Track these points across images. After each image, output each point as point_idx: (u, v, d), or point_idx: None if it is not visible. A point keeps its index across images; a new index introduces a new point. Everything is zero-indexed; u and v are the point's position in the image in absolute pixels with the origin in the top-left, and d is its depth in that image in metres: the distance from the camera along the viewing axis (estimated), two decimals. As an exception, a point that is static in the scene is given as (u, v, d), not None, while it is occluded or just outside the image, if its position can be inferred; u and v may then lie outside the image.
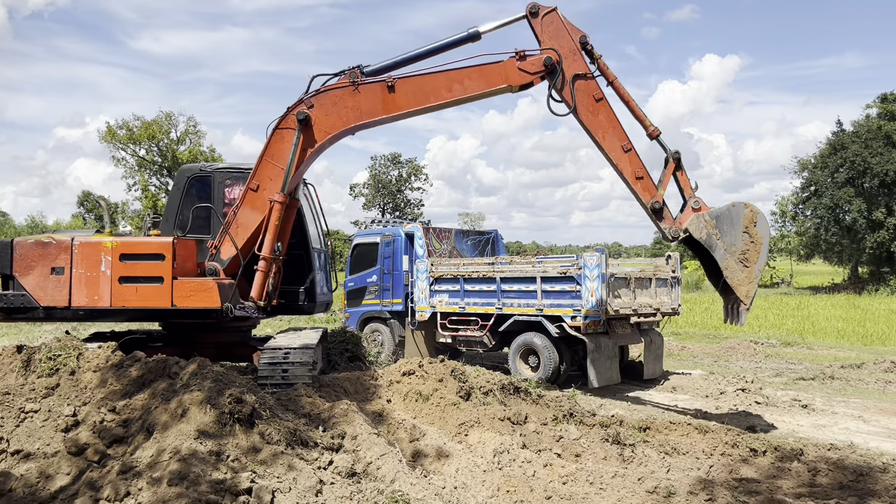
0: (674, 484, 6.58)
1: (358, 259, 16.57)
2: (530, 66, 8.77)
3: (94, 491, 5.04)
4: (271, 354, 9.00)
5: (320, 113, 9.13)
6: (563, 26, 8.75)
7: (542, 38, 8.78)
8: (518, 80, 8.78)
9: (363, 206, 73.76)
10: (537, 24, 8.76)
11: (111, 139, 57.57)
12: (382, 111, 9.04)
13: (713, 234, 8.27)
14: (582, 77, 8.70)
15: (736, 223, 8.24)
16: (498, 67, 8.86)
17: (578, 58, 8.74)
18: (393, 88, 8.92)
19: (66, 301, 8.74)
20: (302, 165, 9.30)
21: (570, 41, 8.73)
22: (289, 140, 9.14)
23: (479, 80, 8.87)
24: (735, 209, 8.28)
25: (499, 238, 17.88)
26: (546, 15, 8.74)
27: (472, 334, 13.85)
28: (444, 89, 8.90)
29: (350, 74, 9.04)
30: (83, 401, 6.33)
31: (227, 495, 4.81)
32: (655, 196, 8.60)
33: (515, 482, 6.44)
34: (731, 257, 8.19)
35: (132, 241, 8.99)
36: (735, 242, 8.21)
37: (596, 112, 8.71)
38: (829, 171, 47.22)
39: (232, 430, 5.41)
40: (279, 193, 9.12)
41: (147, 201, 56.95)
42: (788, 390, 12.66)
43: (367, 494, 5.20)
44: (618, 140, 8.68)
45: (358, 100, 9.04)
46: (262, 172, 9.33)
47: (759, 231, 8.20)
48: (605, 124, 8.71)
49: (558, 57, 8.68)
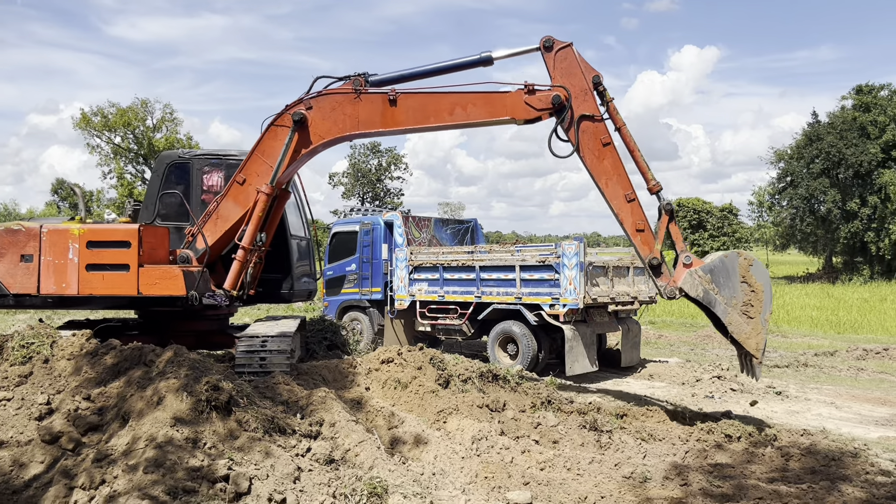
0: (650, 469, 6.65)
1: (337, 248, 16.50)
2: (538, 101, 8.37)
3: (69, 479, 5.00)
4: (249, 342, 8.96)
5: (317, 116, 8.89)
6: (576, 63, 8.33)
7: (553, 73, 8.38)
8: (523, 114, 8.42)
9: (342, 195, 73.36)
10: (550, 59, 8.35)
11: (86, 126, 56.61)
12: (380, 124, 8.76)
13: (710, 289, 7.86)
14: (590, 119, 8.28)
15: (732, 274, 7.86)
16: (504, 98, 8.52)
17: (589, 98, 8.32)
18: (395, 102, 8.63)
19: (35, 288, 8.66)
20: (292, 165, 9.11)
21: (582, 80, 8.31)
22: (282, 138, 8.94)
23: (483, 107, 8.53)
24: (728, 259, 7.92)
25: (478, 227, 17.89)
26: (560, 50, 8.31)
27: (451, 323, 13.87)
28: (445, 111, 8.59)
29: (354, 81, 8.76)
30: (57, 389, 6.26)
31: (203, 482, 4.78)
32: (654, 252, 8.22)
33: (493, 468, 6.47)
34: (733, 311, 7.80)
35: (99, 229, 8.90)
36: (735, 294, 7.82)
37: (602, 157, 8.30)
38: (804, 161, 47.75)
39: (209, 418, 5.38)
40: (266, 185, 8.98)
41: (123, 189, 56.14)
42: (763, 377, 12.81)
43: (345, 481, 5.20)
44: (621, 189, 8.27)
45: (357, 108, 8.76)
46: (250, 167, 9.18)
47: (757, 278, 7.84)
48: (609, 171, 8.30)
49: (567, 95, 8.27)
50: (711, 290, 7.85)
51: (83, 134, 57.22)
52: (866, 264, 46.54)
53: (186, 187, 10.06)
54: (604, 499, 5.94)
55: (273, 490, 4.87)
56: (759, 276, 7.83)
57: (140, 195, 52.01)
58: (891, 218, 44.09)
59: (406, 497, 4.93)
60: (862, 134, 45.71)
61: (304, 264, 11.03)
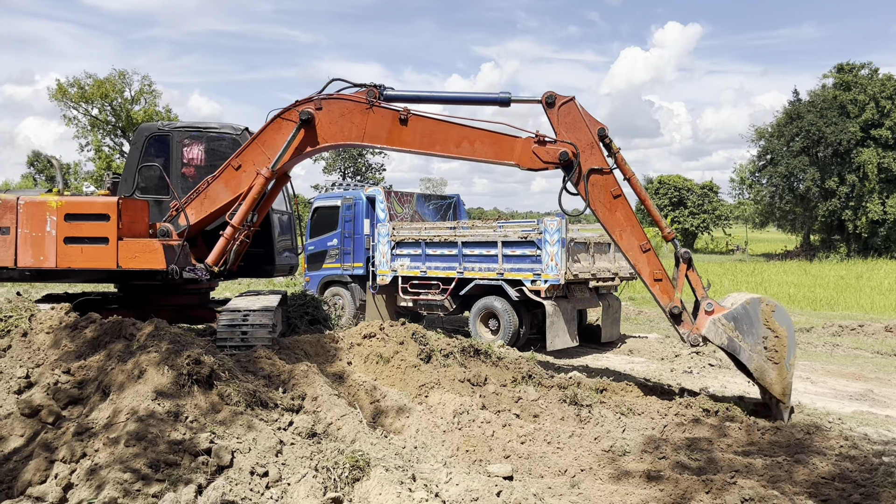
0: (628, 443, 6.75)
1: (318, 223, 16.43)
2: (545, 154, 8.34)
3: (49, 452, 4.98)
4: (230, 316, 8.93)
5: (325, 119, 8.79)
6: (580, 118, 8.30)
7: (558, 128, 8.34)
8: (528, 163, 8.40)
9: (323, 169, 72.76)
10: (553, 115, 8.33)
11: (62, 97, 55.55)
12: (385, 140, 8.68)
13: (734, 336, 7.91)
14: (599, 172, 8.27)
15: (755, 321, 7.87)
16: (512, 143, 8.49)
17: (596, 151, 8.30)
18: (405, 122, 8.55)
19: (13, 261, 8.55)
20: (291, 160, 9.01)
21: (587, 134, 8.28)
22: (285, 132, 8.85)
23: (490, 147, 8.50)
24: (751, 307, 7.88)
25: (460, 203, 17.88)
26: (563, 105, 8.30)
27: (433, 298, 13.91)
28: (452, 143, 8.54)
29: (368, 92, 8.65)
30: (36, 362, 6.21)
31: (186, 455, 4.78)
32: (674, 300, 8.25)
33: (475, 442, 6.54)
34: (758, 357, 7.83)
35: (77, 201, 8.78)
36: (759, 341, 7.85)
37: (614, 209, 8.31)
38: (784, 140, 48.13)
39: (190, 391, 5.37)
40: (267, 169, 8.88)
41: (101, 162, 55.32)
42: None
43: (327, 454, 5.22)
44: (636, 240, 8.32)
45: (366, 120, 8.67)
46: (248, 154, 9.07)
47: (780, 323, 7.81)
48: (622, 222, 8.33)
49: (575, 151, 8.23)
50: (736, 338, 7.92)
51: (59, 105, 56.15)
52: (843, 242, 47.19)
53: (166, 160, 9.94)
54: (583, 472, 6.03)
55: (255, 463, 4.88)
56: (781, 321, 7.84)
57: (118, 168, 51.34)
58: (868, 196, 44.66)
59: (388, 470, 4.95)
60: (842, 113, 46.11)
61: (286, 239, 10.98)
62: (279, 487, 4.79)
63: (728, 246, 62.02)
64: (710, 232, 65.29)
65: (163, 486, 4.53)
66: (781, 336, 7.80)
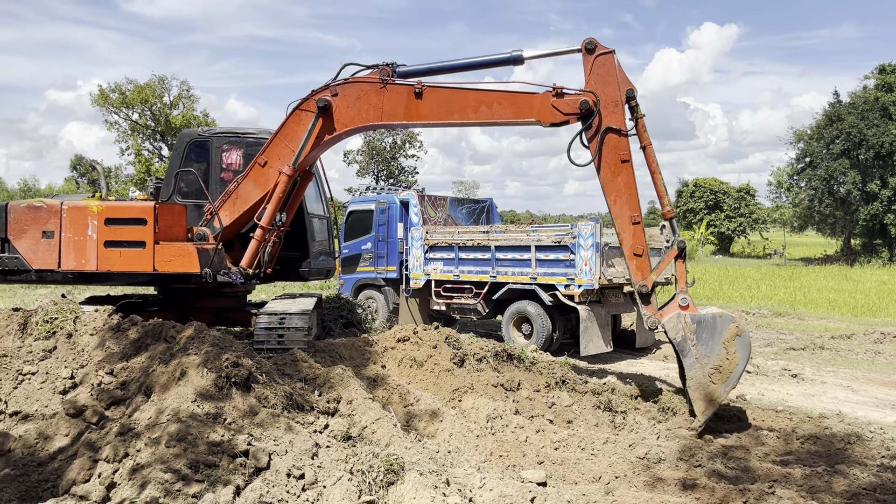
0: (663, 451, 6.69)
1: (353, 226, 16.56)
2: (565, 105, 8.11)
3: (93, 451, 5.11)
4: (268, 319, 9.06)
5: (342, 104, 8.84)
6: (613, 72, 8.05)
7: (589, 77, 8.09)
8: (549, 117, 8.20)
9: (357, 173, 73.39)
10: (589, 62, 8.06)
11: (104, 103, 56.87)
12: (404, 116, 8.66)
13: (690, 339, 7.66)
14: (616, 132, 8.03)
15: (717, 336, 7.57)
16: (530, 99, 8.31)
17: (619, 110, 8.05)
18: (420, 95, 8.51)
19: (56, 264, 8.81)
20: (314, 150, 9.10)
21: (615, 91, 8.03)
22: (305, 123, 8.93)
23: (508, 107, 8.36)
24: (721, 321, 7.59)
25: (493, 207, 17.88)
26: (601, 55, 8.03)
27: (466, 302, 13.93)
28: (470, 109, 8.44)
29: (381, 71, 8.66)
30: (81, 363, 6.37)
31: (224, 456, 4.87)
32: (647, 280, 8.05)
33: (508, 447, 6.54)
34: (700, 368, 7.59)
35: (116, 206, 9.01)
36: (710, 354, 7.57)
37: (617, 173, 8.08)
38: (824, 142, 47.14)
39: (229, 394, 5.46)
40: (289, 166, 8.99)
41: (140, 166, 56.45)
42: (779, 360, 12.81)
43: (362, 458, 5.28)
44: (629, 209, 8.08)
45: (382, 99, 8.67)
46: (272, 150, 9.19)
47: (738, 350, 7.52)
48: (621, 188, 8.09)
49: (596, 100, 8.01)
50: (690, 341, 7.68)
51: (101, 110, 57.53)
52: (885, 247, 46.04)
53: (206, 165, 10.14)
54: (618, 479, 6.00)
55: (292, 465, 4.95)
56: (741, 349, 7.53)
57: (157, 172, 52.32)
58: (911, 200, 43.55)
59: (422, 474, 4.99)
60: (884, 114, 45.02)
61: (322, 243, 11.09)
62: (315, 490, 4.86)
63: (765, 250, 60.96)
64: (746, 236, 64.29)
65: (202, 487, 4.62)
66: (733, 361, 7.51)
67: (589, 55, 8.06)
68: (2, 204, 9.11)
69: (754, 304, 21.15)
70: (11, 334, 7.07)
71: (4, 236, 8.91)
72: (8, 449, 5.43)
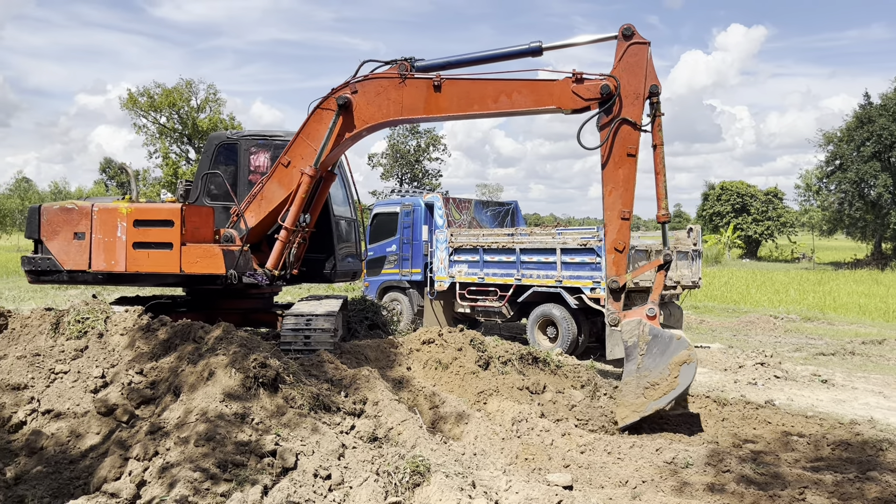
0: (691, 455, 6.62)
1: (378, 228, 16.64)
2: (586, 91, 7.95)
3: (124, 450, 5.17)
4: (294, 320, 9.12)
5: (362, 100, 8.84)
6: (643, 64, 7.83)
7: (618, 63, 7.89)
8: (569, 103, 8.04)
9: (381, 175, 73.59)
10: (622, 48, 7.85)
11: (132, 106, 57.73)
12: (423, 110, 8.64)
13: (640, 347, 7.55)
14: (630, 124, 7.82)
15: (667, 354, 7.47)
16: (550, 86, 8.16)
17: (638, 104, 7.84)
18: (439, 88, 8.46)
19: (87, 265, 8.95)
20: (336, 149, 9.11)
21: (640, 83, 7.81)
22: (326, 122, 8.95)
23: (528, 95, 8.22)
24: (677, 343, 7.50)
25: (518, 210, 17.85)
26: (635, 44, 7.82)
27: (491, 305, 13.91)
28: (490, 99, 8.34)
29: (399, 66, 8.64)
30: (111, 363, 6.46)
31: (252, 456, 4.91)
32: (620, 276, 7.85)
33: (534, 450, 6.52)
34: (637, 379, 7.53)
35: (144, 208, 9.13)
36: (652, 369, 7.50)
37: (620, 165, 7.87)
38: (854, 144, 46.44)
39: (257, 394, 5.51)
40: (310, 167, 9.02)
41: (168, 169, 57.20)
42: (808, 365, 12.63)
43: (388, 459, 5.29)
44: (621, 204, 7.87)
45: (402, 94, 8.64)
46: (295, 149, 9.24)
47: (680, 378, 7.42)
48: (619, 181, 7.88)
49: (617, 84, 7.82)
50: (640, 349, 7.58)
51: (130, 114, 58.40)
52: (918, 251, 45.24)
53: (234, 167, 10.25)
54: (644, 483, 5.95)
55: (319, 466, 4.98)
56: (683, 376, 7.44)
57: (184, 175, 52.97)
58: (945, 203, 42.72)
59: (448, 476, 4.99)
60: (916, 116, 44.25)
61: (349, 245, 11.14)
62: (341, 490, 4.88)
63: (793, 254, 60.13)
64: (774, 239, 63.49)
65: (230, 486, 4.66)
66: (671, 383, 7.43)
67: (624, 41, 7.86)
68: (35, 206, 9.28)
69: (783, 309, 20.88)
70: (44, 333, 7.19)
71: (38, 237, 9.08)
72: (41, 446, 5.52)
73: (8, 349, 7.40)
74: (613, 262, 7.91)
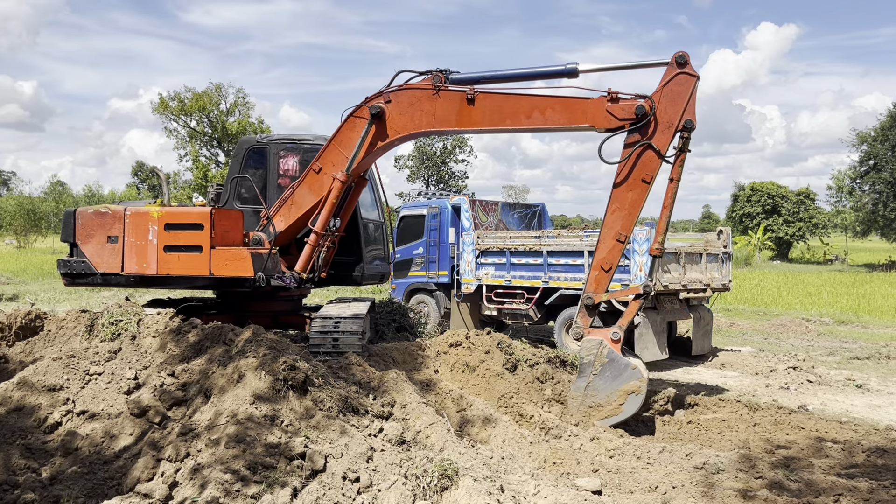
0: (722, 461, 6.54)
1: (404, 231, 16.69)
2: (620, 111, 7.88)
3: (157, 451, 5.25)
4: (322, 323, 9.18)
5: (395, 110, 8.86)
6: (686, 96, 7.69)
7: (662, 88, 7.78)
8: (603, 122, 7.97)
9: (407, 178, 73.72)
10: (669, 74, 7.73)
11: (163, 110, 58.50)
12: (456, 123, 8.64)
13: (594, 367, 7.69)
14: (655, 152, 7.74)
15: (618, 380, 7.61)
16: (585, 104, 8.10)
17: (669, 134, 7.75)
18: (472, 101, 8.44)
19: (120, 267, 9.10)
20: (368, 157, 9.14)
21: (677, 114, 7.69)
22: (359, 130, 8.98)
23: (562, 112, 8.17)
24: (631, 372, 7.61)
25: (545, 211, 17.79)
26: (684, 74, 7.68)
27: (518, 307, 13.87)
28: (523, 114, 8.31)
29: (434, 77, 8.63)
30: (144, 364, 6.56)
31: (281, 458, 4.96)
32: (598, 294, 7.93)
33: (562, 454, 6.49)
34: (583, 397, 7.70)
35: (175, 212, 9.26)
36: (599, 392, 7.65)
37: (632, 188, 7.84)
38: (889, 144, 45.57)
39: (286, 396, 5.55)
40: (342, 172, 9.05)
41: (198, 172, 57.87)
42: (842, 369, 12.41)
43: (416, 462, 5.30)
44: (620, 226, 7.89)
45: (435, 105, 8.64)
46: (327, 156, 9.28)
47: (626, 406, 7.56)
48: (625, 203, 7.86)
49: (652, 105, 7.73)
50: (594, 369, 7.70)
51: (161, 118, 59.17)
52: (955, 252, 44.22)
53: (264, 171, 10.36)
54: (675, 489, 5.89)
55: (347, 468, 5.00)
56: (629, 405, 7.58)
57: (213, 178, 53.61)
58: (983, 204, 41.72)
59: (476, 480, 4.98)
60: (953, 115, 43.30)
61: (377, 248, 11.19)
62: (370, 493, 4.89)
63: (826, 255, 59.06)
64: (806, 241, 62.45)
65: (260, 488, 4.70)
66: (615, 409, 7.60)
67: (675, 67, 7.73)
68: (70, 210, 9.47)
69: (815, 312, 20.55)
70: (79, 335, 7.32)
71: (73, 241, 9.26)
72: (76, 447, 5.62)
73: (44, 351, 7.57)
74: (595, 280, 8.01)
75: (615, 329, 7.80)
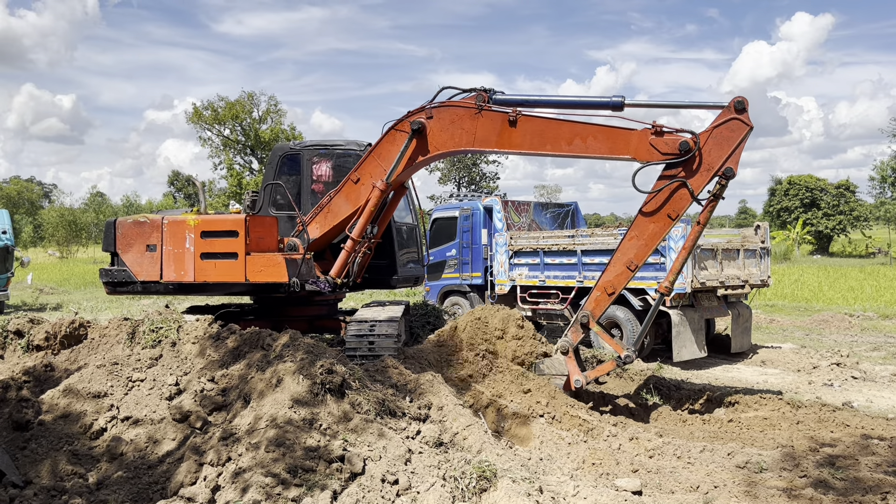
0: (764, 459, 6.44)
1: (437, 233, 16.74)
2: (664, 145, 7.74)
3: (199, 455, 5.33)
4: (358, 327, 9.24)
5: (436, 127, 8.82)
6: (734, 143, 7.57)
7: (712, 129, 7.64)
8: (646, 155, 7.84)
9: (439, 180, 73.84)
10: (725, 116, 7.59)
11: (198, 120, 59.53)
12: (496, 143, 8.57)
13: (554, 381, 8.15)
14: (689, 192, 7.66)
15: None
16: (628, 135, 7.96)
17: (706, 177, 7.66)
18: (514, 123, 8.37)
19: (159, 276, 9.26)
20: (406, 171, 9.14)
21: (721, 158, 7.58)
22: (399, 144, 8.97)
23: (604, 141, 8.04)
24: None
25: (578, 210, 17.69)
26: (738, 121, 7.54)
27: (553, 307, 13.81)
28: (564, 140, 8.21)
29: (477, 96, 8.57)
30: (184, 370, 6.67)
31: (320, 461, 5.00)
32: (594, 314, 8.11)
33: (601, 455, 6.44)
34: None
35: (210, 219, 9.40)
36: None
37: (654, 220, 7.84)
38: (932, 133, 44.41)
39: (324, 400, 5.60)
40: (382, 181, 9.06)
41: (232, 180, 58.72)
42: (888, 365, 12.12)
43: (454, 464, 5.30)
44: (634, 256, 7.92)
45: (476, 124, 8.58)
46: (366, 167, 9.31)
47: None
48: (645, 234, 7.87)
49: (696, 140, 7.60)
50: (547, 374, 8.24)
51: (195, 127, 60.24)
52: None
53: (298, 177, 10.49)
54: (717, 488, 5.81)
55: (386, 471, 5.03)
56: None
57: (248, 185, 54.32)
58: None
59: (515, 481, 4.97)
60: None
61: (410, 251, 11.24)
62: (409, 496, 4.91)
63: (868, 249, 57.72)
64: (847, 234, 61.11)
65: (301, 491, 4.75)
66: None
67: (731, 111, 7.58)
68: (111, 220, 9.67)
69: (858, 307, 20.09)
70: (121, 343, 7.48)
71: (114, 250, 9.46)
72: (121, 452, 5.73)
73: (88, 358, 7.74)
74: (596, 300, 8.13)
75: (579, 377, 8.11)
